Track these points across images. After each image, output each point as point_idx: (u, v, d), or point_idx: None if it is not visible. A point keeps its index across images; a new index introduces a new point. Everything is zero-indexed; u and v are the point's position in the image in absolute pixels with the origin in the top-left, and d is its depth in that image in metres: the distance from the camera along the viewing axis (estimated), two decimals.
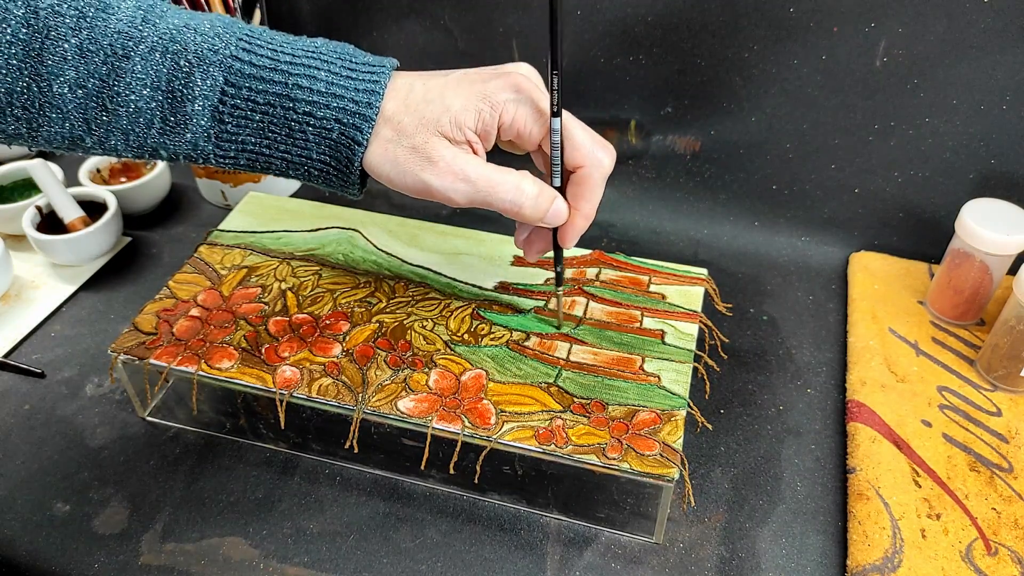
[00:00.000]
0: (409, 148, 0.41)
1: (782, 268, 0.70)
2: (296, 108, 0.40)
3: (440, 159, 0.41)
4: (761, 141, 0.69)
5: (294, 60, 0.40)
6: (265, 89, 0.40)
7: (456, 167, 0.41)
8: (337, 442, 0.53)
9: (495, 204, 0.42)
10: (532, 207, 0.42)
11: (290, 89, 0.40)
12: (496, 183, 0.41)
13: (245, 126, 0.40)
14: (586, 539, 0.49)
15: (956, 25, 0.59)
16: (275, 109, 0.40)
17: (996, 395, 0.56)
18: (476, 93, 0.41)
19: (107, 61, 0.38)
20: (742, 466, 0.53)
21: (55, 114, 0.39)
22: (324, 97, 0.40)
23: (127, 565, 0.47)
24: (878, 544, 0.46)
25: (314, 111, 0.40)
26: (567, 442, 0.45)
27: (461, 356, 0.51)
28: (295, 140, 0.41)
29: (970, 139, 0.63)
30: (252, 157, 0.42)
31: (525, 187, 0.42)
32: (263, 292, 0.56)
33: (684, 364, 0.51)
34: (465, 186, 0.41)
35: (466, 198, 0.41)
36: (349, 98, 0.40)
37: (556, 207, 0.44)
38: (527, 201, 0.42)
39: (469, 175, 0.41)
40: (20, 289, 0.67)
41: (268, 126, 0.41)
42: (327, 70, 0.40)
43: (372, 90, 0.41)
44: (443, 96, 0.41)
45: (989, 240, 0.56)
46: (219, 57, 0.39)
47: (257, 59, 0.40)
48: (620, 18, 0.67)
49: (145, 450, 0.54)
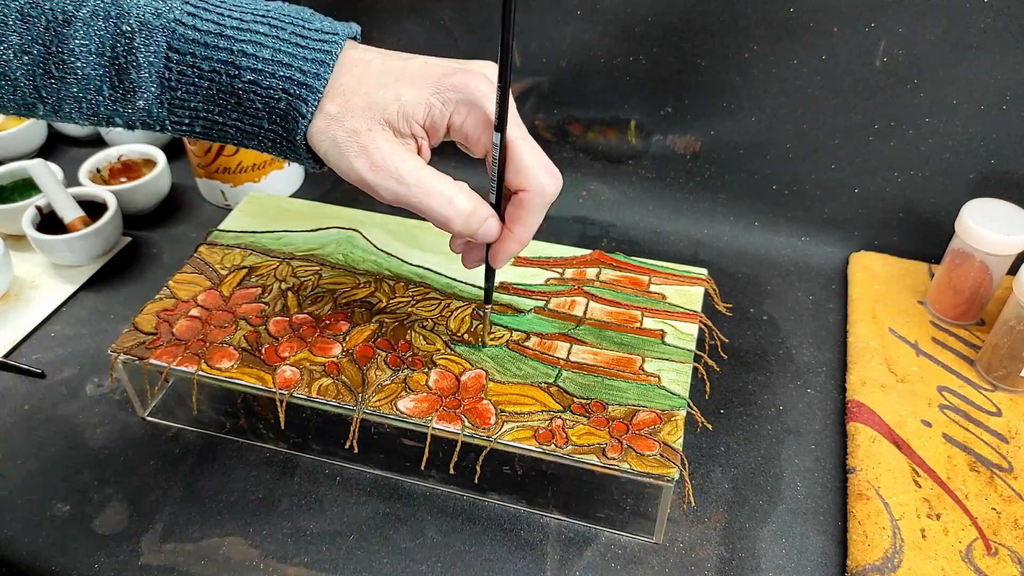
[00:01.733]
0: (350, 131, 0.39)
1: (782, 268, 0.70)
2: (241, 76, 0.38)
3: (376, 151, 0.39)
4: (761, 141, 0.69)
5: (241, 25, 0.38)
6: (209, 56, 0.38)
7: (391, 164, 0.39)
8: (337, 442, 0.53)
9: (424, 212, 0.40)
10: (463, 223, 0.40)
11: (235, 56, 0.38)
12: (428, 190, 0.39)
13: (194, 93, 0.39)
14: (586, 539, 0.49)
15: (956, 25, 0.59)
16: (221, 77, 0.38)
17: (996, 395, 0.56)
18: (432, 87, 0.39)
19: (49, 27, 0.37)
20: (742, 466, 0.53)
21: (3, 81, 0.38)
22: (270, 65, 0.38)
23: (127, 565, 0.47)
24: (878, 544, 0.46)
25: (259, 80, 0.38)
26: (567, 442, 0.45)
27: (461, 356, 0.51)
28: (244, 109, 0.39)
29: (970, 139, 0.63)
30: (206, 125, 0.40)
31: (458, 201, 0.40)
32: (263, 292, 0.56)
33: (684, 364, 0.51)
34: (396, 186, 0.39)
35: (394, 197, 0.39)
36: (296, 67, 0.38)
37: (487, 226, 0.42)
38: (458, 217, 0.40)
39: (403, 175, 0.39)
40: (20, 289, 0.67)
41: (217, 94, 0.39)
42: (275, 36, 0.38)
43: (321, 60, 0.38)
44: (397, 82, 0.39)
45: (989, 240, 0.56)
46: (161, 22, 0.38)
47: (202, 23, 0.38)
48: (620, 18, 0.67)
49: (145, 450, 0.54)
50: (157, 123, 0.40)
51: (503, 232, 0.43)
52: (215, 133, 0.41)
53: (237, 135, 0.41)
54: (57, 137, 0.88)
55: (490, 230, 0.42)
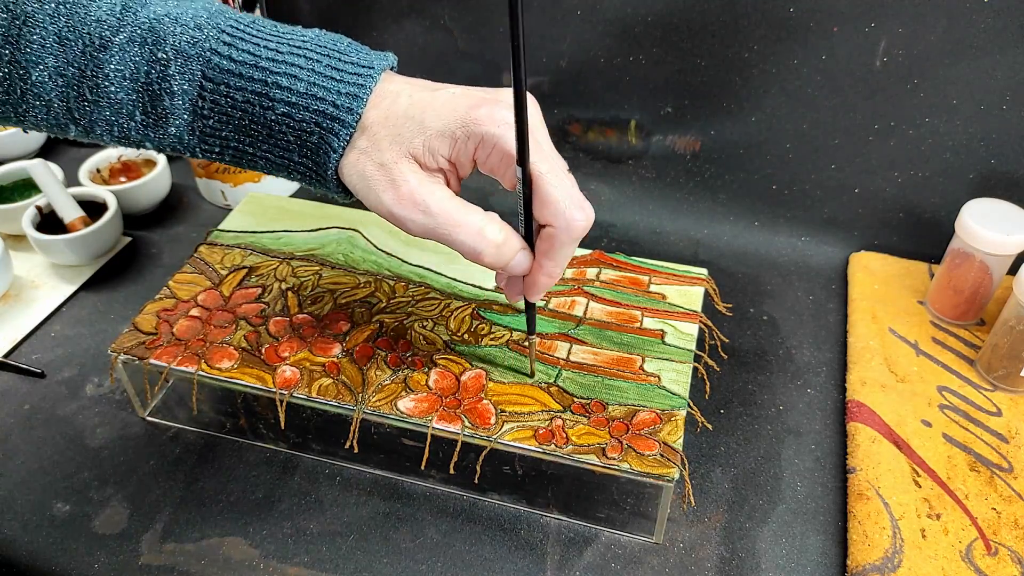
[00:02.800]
0: (378, 164, 0.38)
1: (782, 268, 0.70)
2: (274, 108, 0.38)
3: (404, 184, 0.38)
4: (761, 141, 0.69)
5: (276, 56, 0.38)
6: (243, 87, 0.38)
7: (418, 196, 0.38)
8: (337, 442, 0.53)
9: (453, 244, 0.39)
10: (494, 255, 0.39)
11: (269, 88, 0.38)
12: (457, 223, 0.38)
13: (226, 123, 0.39)
14: (586, 539, 0.49)
15: (956, 25, 0.59)
16: (253, 108, 0.38)
17: (996, 395, 0.56)
18: (459, 119, 0.38)
19: (86, 51, 0.37)
20: (742, 466, 0.53)
21: (37, 102, 0.39)
22: (304, 99, 0.38)
23: (127, 565, 0.47)
24: (878, 544, 0.46)
25: (292, 112, 0.38)
26: (567, 442, 0.45)
27: (463, 356, 0.51)
28: (275, 140, 0.39)
29: (970, 139, 0.63)
30: (236, 154, 0.41)
31: (488, 232, 0.39)
32: (263, 292, 0.56)
33: (684, 364, 0.51)
34: (424, 218, 0.38)
35: (423, 230, 0.39)
36: (330, 101, 0.38)
37: (518, 260, 0.41)
38: (488, 248, 0.39)
39: (431, 208, 0.38)
40: (20, 289, 0.67)
41: (249, 124, 0.39)
42: (310, 68, 0.38)
43: (355, 94, 0.38)
44: (424, 114, 0.38)
45: (989, 240, 0.56)
46: (197, 51, 0.38)
47: (237, 54, 0.38)
48: (620, 18, 0.67)
49: (145, 450, 0.54)
50: (187, 150, 0.41)
51: (534, 265, 0.42)
52: (245, 162, 0.41)
53: (267, 166, 0.41)
54: (57, 138, 0.88)
55: (520, 263, 0.41)
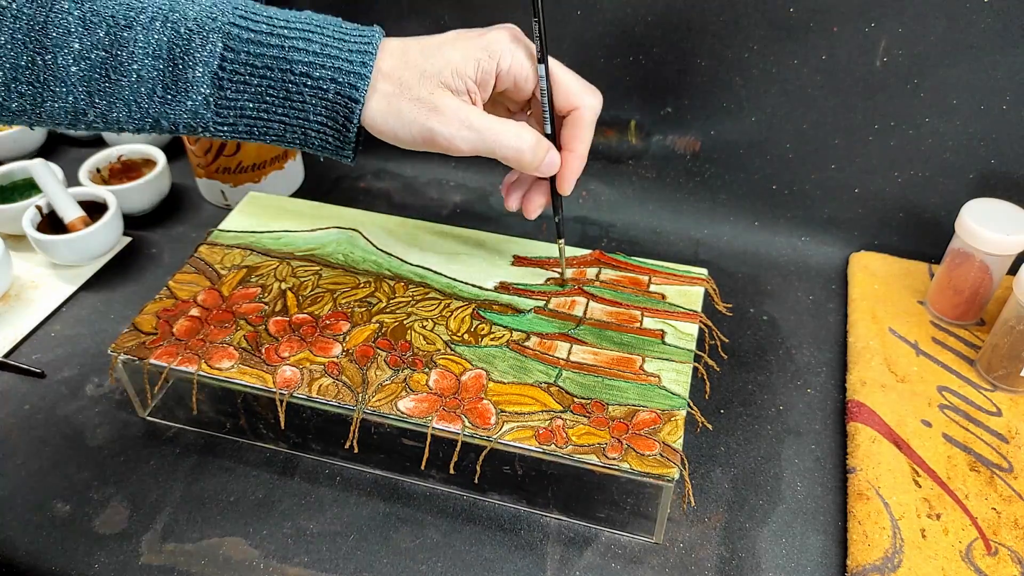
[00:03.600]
0: (413, 99, 0.43)
1: (782, 268, 0.70)
2: (293, 70, 0.42)
3: (446, 108, 0.43)
4: (761, 141, 0.69)
5: (289, 26, 0.42)
6: (263, 53, 0.42)
7: (461, 115, 0.43)
8: (337, 442, 0.53)
9: (498, 151, 0.45)
10: (531, 153, 0.45)
11: (287, 52, 0.42)
12: (499, 131, 0.44)
13: (244, 91, 0.42)
14: (586, 539, 0.49)
15: (956, 25, 0.59)
16: (273, 72, 0.42)
17: (996, 395, 0.56)
18: (473, 45, 0.44)
19: (110, 32, 0.39)
20: (742, 466, 0.53)
21: (60, 87, 0.40)
22: (320, 58, 0.42)
23: (127, 565, 0.47)
24: (878, 544, 0.46)
25: (311, 71, 0.42)
26: (567, 442, 0.45)
27: (462, 356, 0.51)
28: (292, 103, 0.43)
29: (970, 139, 0.63)
30: (250, 123, 0.44)
31: (524, 135, 0.45)
32: (263, 292, 0.56)
33: (684, 364, 0.51)
34: (470, 133, 0.44)
35: (470, 145, 0.44)
36: (344, 58, 0.42)
37: (551, 156, 0.47)
38: (528, 148, 0.45)
39: (473, 123, 0.44)
40: (20, 289, 0.67)
41: (267, 90, 0.42)
42: (320, 34, 0.42)
43: (365, 50, 0.43)
44: (441, 51, 0.44)
45: (989, 240, 0.56)
46: (217, 24, 0.41)
47: (255, 25, 0.42)
48: (620, 18, 0.67)
49: (145, 450, 0.54)
50: (200, 124, 0.43)
51: (563, 155, 0.48)
52: (257, 130, 0.44)
53: (279, 129, 0.44)
54: (57, 137, 0.88)
55: (554, 159, 0.47)
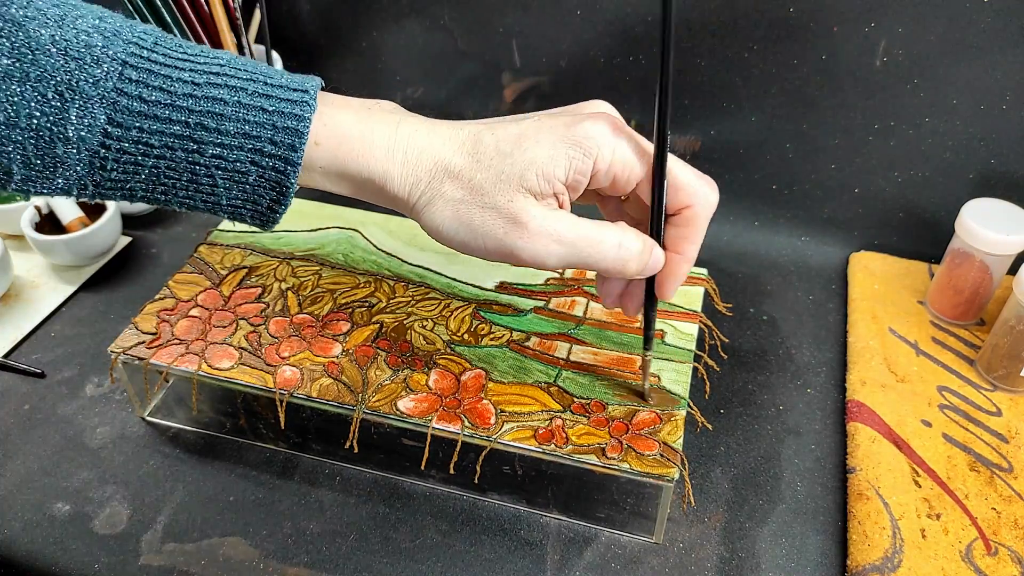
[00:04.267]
0: (488, 208, 0.36)
1: (782, 268, 0.69)
2: (202, 151, 0.33)
3: (530, 220, 0.36)
4: (761, 141, 0.69)
5: (195, 93, 0.33)
6: (161, 130, 0.33)
7: (549, 227, 0.36)
8: (337, 442, 0.53)
9: (596, 264, 0.38)
10: (638, 262, 0.38)
11: (192, 129, 0.33)
12: (597, 241, 0.37)
13: (135, 172, 0.34)
14: (586, 539, 0.49)
15: (956, 25, 0.59)
16: (175, 153, 0.33)
17: (996, 395, 0.56)
18: (563, 139, 0.36)
19: None
20: (742, 466, 0.53)
21: None
22: (238, 138, 0.34)
23: (127, 565, 0.47)
24: (878, 544, 0.46)
25: (225, 154, 0.34)
26: (567, 442, 0.45)
27: (462, 356, 0.51)
28: (200, 187, 0.35)
29: (970, 139, 0.63)
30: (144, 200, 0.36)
31: (628, 243, 0.38)
32: (263, 292, 0.56)
33: (684, 364, 0.51)
34: (560, 248, 0.36)
35: (562, 261, 0.37)
36: (268, 136, 0.34)
37: (656, 256, 0.39)
38: (632, 257, 0.38)
39: (564, 236, 0.36)
40: (20, 289, 0.67)
41: (164, 172, 0.34)
42: (237, 102, 0.33)
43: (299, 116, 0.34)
44: (523, 146, 0.36)
45: (989, 240, 0.56)
46: (99, 91, 0.32)
47: (149, 92, 0.32)
48: (620, 18, 0.67)
49: (145, 450, 0.54)
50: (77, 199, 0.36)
51: (669, 257, 0.40)
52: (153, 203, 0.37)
53: (181, 208, 0.37)
54: None
55: (659, 260, 0.39)
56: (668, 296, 0.41)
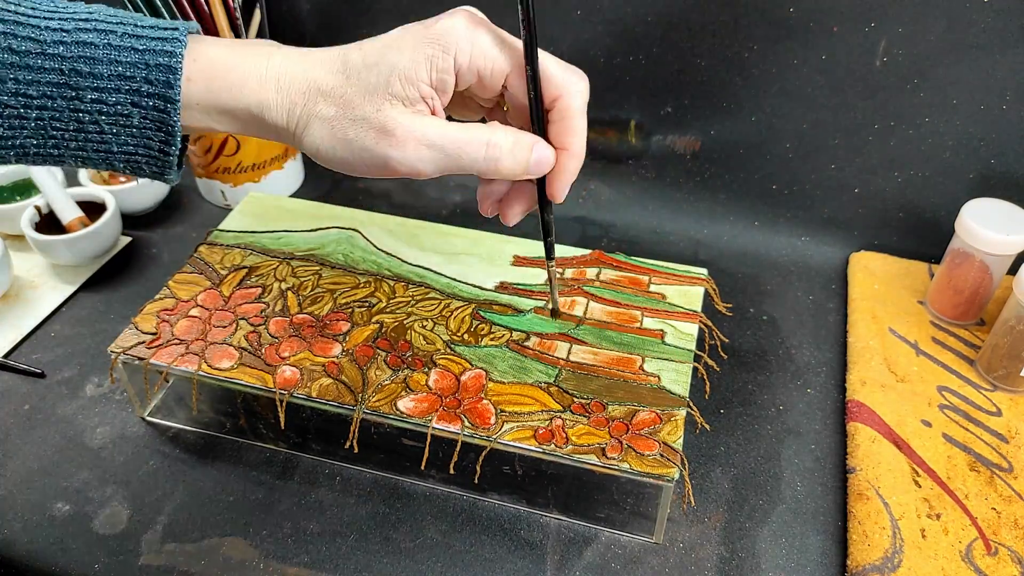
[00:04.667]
0: (359, 121, 0.36)
1: (782, 268, 0.70)
2: (81, 97, 0.34)
3: (396, 127, 0.36)
4: (761, 141, 0.69)
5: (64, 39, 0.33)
6: (36, 80, 0.33)
7: (417, 133, 0.36)
8: (337, 442, 0.53)
9: (467, 166, 0.37)
10: (511, 159, 0.37)
11: (68, 76, 0.33)
12: (464, 141, 0.36)
13: (21, 127, 0.34)
14: (586, 539, 0.49)
15: (956, 25, 0.59)
16: (55, 101, 0.34)
17: (996, 395, 0.56)
18: (422, 39, 0.36)
19: None
20: (742, 466, 0.53)
21: None
22: (114, 80, 0.34)
23: (127, 565, 0.47)
24: (878, 544, 0.46)
25: (104, 97, 0.34)
26: (567, 442, 0.45)
27: (462, 356, 0.51)
28: (88, 134, 0.35)
29: (970, 139, 0.63)
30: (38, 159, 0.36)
31: (497, 139, 0.37)
32: (263, 292, 0.56)
33: (684, 364, 0.51)
34: (431, 152, 0.36)
35: (434, 166, 0.37)
36: (143, 75, 0.34)
37: (539, 153, 0.38)
38: (503, 155, 0.37)
39: (433, 139, 0.36)
40: (20, 289, 0.67)
41: (50, 122, 0.34)
42: (107, 44, 0.34)
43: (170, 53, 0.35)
44: (385, 55, 0.36)
45: (989, 240, 0.56)
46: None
47: (19, 43, 0.33)
48: (620, 18, 0.67)
49: (145, 450, 0.54)
50: None
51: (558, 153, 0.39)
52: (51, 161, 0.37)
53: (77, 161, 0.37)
54: None
55: (544, 156, 0.38)
56: (559, 196, 0.40)
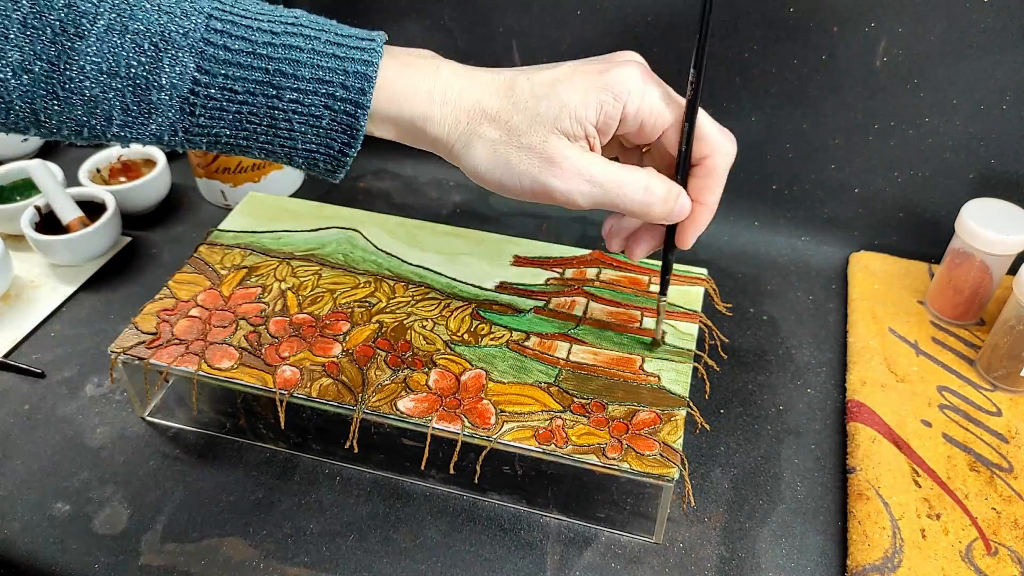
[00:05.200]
0: (524, 148, 0.38)
1: (782, 268, 0.69)
2: (281, 96, 0.36)
3: (563, 159, 0.38)
4: (761, 141, 0.69)
5: (274, 42, 0.36)
6: (244, 76, 0.36)
7: (580, 167, 0.38)
8: (337, 442, 0.53)
9: (622, 206, 0.40)
10: (662, 206, 0.40)
11: (272, 76, 0.36)
12: (624, 183, 0.39)
13: (220, 118, 0.37)
14: (586, 539, 0.49)
15: (956, 25, 0.59)
16: (256, 98, 0.36)
17: (996, 395, 0.56)
18: (595, 84, 0.38)
19: (56, 40, 0.33)
20: (742, 466, 0.53)
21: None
22: (312, 83, 0.36)
23: (127, 565, 0.47)
24: (878, 544, 0.46)
25: (301, 99, 0.36)
26: (567, 442, 0.45)
27: (462, 356, 0.51)
28: (279, 131, 0.37)
29: (970, 139, 0.63)
30: (227, 147, 0.38)
31: (654, 186, 0.40)
32: (263, 292, 0.56)
33: (684, 364, 0.51)
34: (591, 188, 0.39)
35: (590, 201, 0.39)
36: (340, 81, 0.37)
37: (682, 202, 0.41)
38: (656, 201, 0.40)
39: (596, 176, 0.39)
40: (20, 289, 0.67)
41: (248, 117, 0.37)
42: (312, 50, 0.36)
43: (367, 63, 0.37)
44: (556, 90, 0.38)
45: (989, 240, 0.56)
46: (189, 41, 0.35)
47: (232, 41, 0.35)
48: (620, 18, 0.67)
49: (145, 450, 0.54)
50: (167, 146, 0.38)
51: (694, 206, 0.42)
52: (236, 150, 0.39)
53: (260, 155, 0.39)
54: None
55: (685, 207, 0.42)
56: (687, 244, 0.44)
